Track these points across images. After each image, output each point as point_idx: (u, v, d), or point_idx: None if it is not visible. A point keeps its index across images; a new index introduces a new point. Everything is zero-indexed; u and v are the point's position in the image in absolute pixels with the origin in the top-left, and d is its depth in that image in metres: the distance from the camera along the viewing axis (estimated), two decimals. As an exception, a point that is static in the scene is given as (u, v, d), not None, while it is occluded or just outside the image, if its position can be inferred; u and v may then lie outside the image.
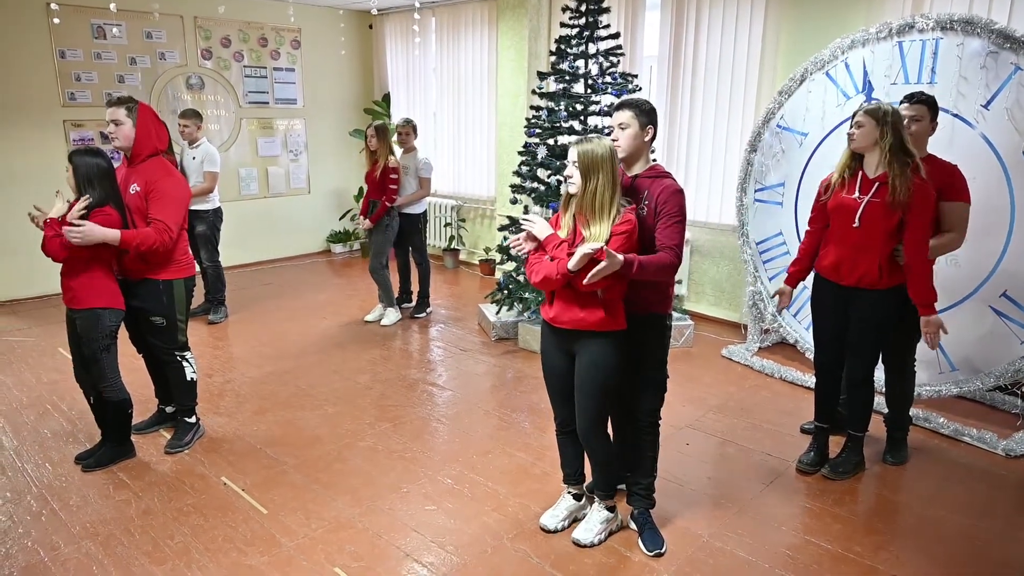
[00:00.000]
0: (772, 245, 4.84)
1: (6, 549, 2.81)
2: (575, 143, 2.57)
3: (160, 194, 3.31)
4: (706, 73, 5.61)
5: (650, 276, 2.56)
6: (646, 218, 2.64)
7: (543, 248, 2.64)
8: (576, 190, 2.57)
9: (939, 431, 3.88)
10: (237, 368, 4.79)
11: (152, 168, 3.36)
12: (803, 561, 2.78)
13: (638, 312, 2.69)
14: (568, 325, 2.64)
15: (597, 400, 2.70)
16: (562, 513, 2.98)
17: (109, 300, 3.27)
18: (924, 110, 3.24)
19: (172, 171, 3.44)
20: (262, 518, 3.04)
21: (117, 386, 3.37)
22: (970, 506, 3.19)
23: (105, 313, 3.26)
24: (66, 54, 6.39)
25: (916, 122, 3.22)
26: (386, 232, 5.66)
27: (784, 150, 4.70)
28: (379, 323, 5.79)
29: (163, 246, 3.30)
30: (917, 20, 3.99)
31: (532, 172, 5.18)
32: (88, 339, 3.26)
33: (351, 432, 3.85)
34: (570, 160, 2.57)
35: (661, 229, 2.61)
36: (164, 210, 3.31)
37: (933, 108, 3.26)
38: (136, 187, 3.31)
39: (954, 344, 3.95)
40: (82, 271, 3.21)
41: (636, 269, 2.49)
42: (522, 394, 4.39)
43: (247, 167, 7.80)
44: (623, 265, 2.45)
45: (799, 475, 3.43)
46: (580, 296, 2.58)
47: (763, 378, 4.68)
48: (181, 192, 3.43)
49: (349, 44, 8.41)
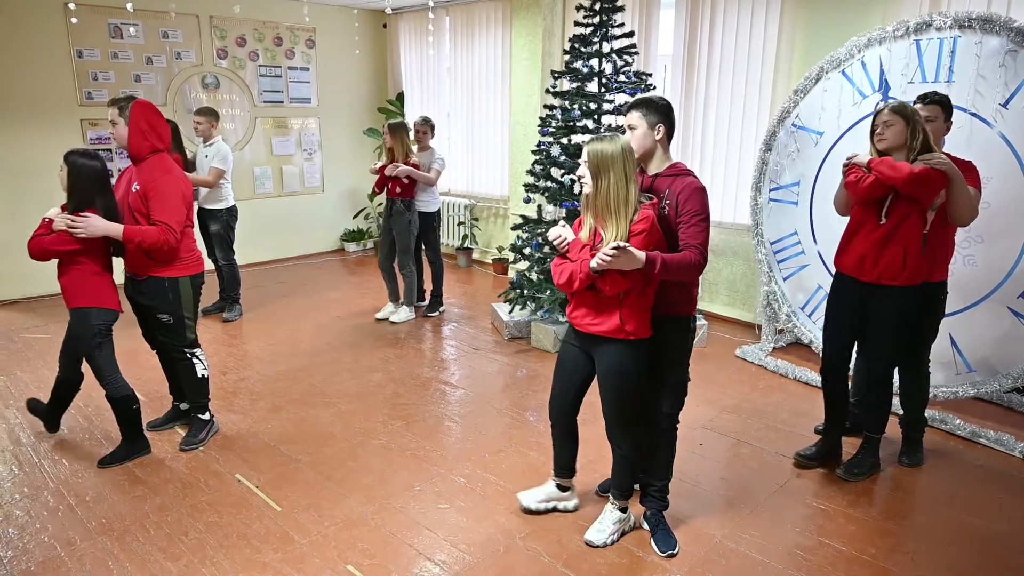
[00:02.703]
0: (787, 245, 4.81)
1: (23, 544, 2.85)
2: (587, 142, 2.57)
3: (157, 193, 3.29)
4: (721, 72, 5.58)
5: (674, 275, 2.53)
6: (668, 217, 2.62)
7: (568, 252, 2.64)
8: (589, 190, 2.57)
9: (955, 433, 3.85)
10: (251, 366, 4.82)
11: (151, 167, 3.34)
12: (817, 563, 2.76)
13: (664, 312, 2.68)
14: (585, 328, 2.65)
15: (614, 404, 2.71)
16: (541, 495, 3.07)
17: (98, 300, 3.32)
18: (938, 110, 3.22)
19: (170, 168, 3.38)
20: (276, 515, 3.05)
21: (117, 383, 3.41)
22: (986, 509, 3.15)
23: (93, 312, 3.31)
24: (83, 54, 6.46)
25: (930, 122, 3.19)
26: (410, 227, 5.66)
27: (799, 149, 4.66)
28: (389, 320, 5.81)
29: (167, 244, 3.31)
30: (935, 18, 3.95)
31: (546, 171, 5.18)
32: (79, 337, 3.34)
33: (364, 430, 3.86)
34: (582, 160, 2.58)
35: (684, 228, 2.59)
36: (164, 211, 3.29)
37: (947, 108, 3.24)
38: (136, 186, 3.31)
39: (971, 345, 3.91)
40: (73, 271, 3.28)
41: (660, 267, 2.46)
42: (535, 393, 4.39)
43: (261, 166, 7.84)
44: (646, 264, 2.43)
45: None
46: (600, 301, 2.58)
47: (777, 378, 4.66)
48: (179, 188, 3.37)
49: (363, 43, 8.43)
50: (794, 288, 4.82)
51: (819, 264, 4.62)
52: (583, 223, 2.67)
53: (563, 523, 3.00)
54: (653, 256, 2.46)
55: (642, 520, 2.97)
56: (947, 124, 3.27)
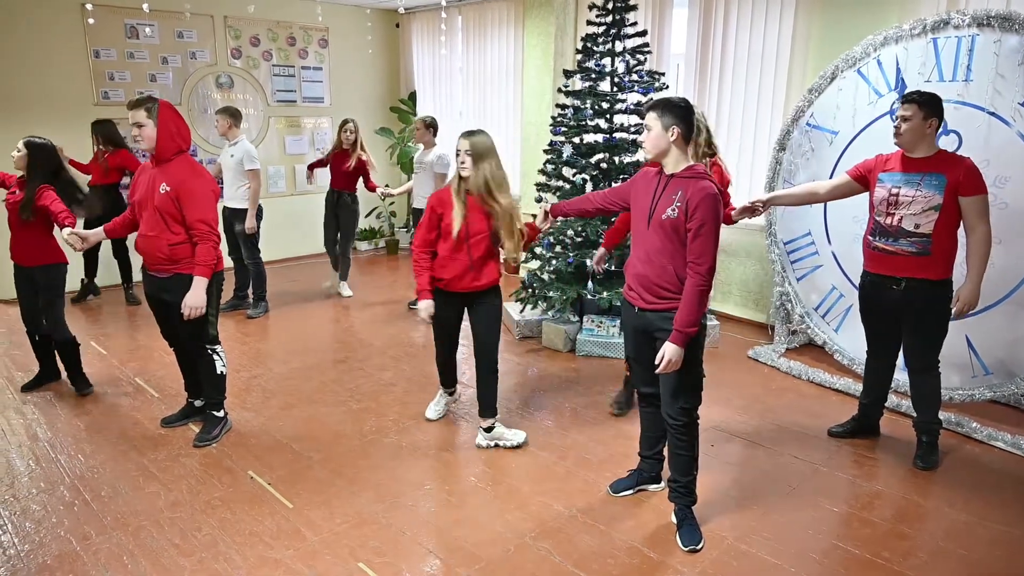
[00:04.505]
0: (800, 245, 4.78)
1: (40, 538, 2.88)
2: (466, 135, 3.31)
3: (192, 195, 3.34)
4: (734, 71, 5.55)
5: (699, 312, 2.64)
6: (678, 219, 2.63)
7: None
8: (468, 173, 3.28)
9: (971, 436, 3.80)
10: (264, 363, 4.85)
11: (180, 168, 3.38)
12: (829, 565, 2.74)
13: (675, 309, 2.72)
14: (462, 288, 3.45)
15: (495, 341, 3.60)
16: (441, 408, 4.01)
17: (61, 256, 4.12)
18: (914, 108, 3.20)
19: (200, 170, 3.47)
20: (287, 512, 3.07)
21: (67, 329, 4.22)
22: (1002, 513, 3.12)
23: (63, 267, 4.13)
24: (100, 54, 6.52)
25: (906, 121, 3.21)
26: (355, 217, 6.52)
27: (814, 149, 4.63)
28: (339, 293, 6.55)
29: (215, 246, 3.42)
30: (952, 16, 3.91)
31: (557, 171, 5.18)
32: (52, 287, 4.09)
33: (375, 428, 3.88)
34: (463, 149, 3.26)
35: (692, 239, 2.62)
36: (199, 211, 3.35)
37: (926, 106, 3.18)
38: (166, 187, 3.33)
39: (988, 347, 3.87)
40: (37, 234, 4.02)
41: (693, 328, 2.63)
42: (545, 392, 4.38)
43: (275, 165, 7.89)
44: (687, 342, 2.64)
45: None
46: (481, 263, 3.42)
47: (790, 380, 4.63)
48: (209, 189, 3.46)
49: (376, 43, 8.46)
50: (808, 289, 4.79)
51: (833, 265, 4.58)
52: (454, 206, 3.33)
53: (574, 523, 3.00)
54: (682, 331, 2.63)
55: (672, 516, 3.00)
56: (929, 123, 3.19)
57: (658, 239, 2.70)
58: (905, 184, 3.26)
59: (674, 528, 2.93)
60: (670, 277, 2.70)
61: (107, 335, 5.42)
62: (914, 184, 3.24)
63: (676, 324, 2.63)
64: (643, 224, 2.76)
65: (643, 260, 2.77)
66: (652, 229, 2.71)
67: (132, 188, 3.50)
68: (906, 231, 3.27)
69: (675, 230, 2.65)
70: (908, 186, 3.25)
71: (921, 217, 3.23)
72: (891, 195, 3.30)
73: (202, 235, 3.36)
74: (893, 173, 3.32)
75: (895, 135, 3.28)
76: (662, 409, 2.86)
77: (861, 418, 3.78)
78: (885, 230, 3.34)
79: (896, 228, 3.30)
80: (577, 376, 4.66)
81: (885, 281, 3.40)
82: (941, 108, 3.22)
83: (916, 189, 3.23)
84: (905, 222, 3.27)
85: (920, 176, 3.23)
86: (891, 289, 3.38)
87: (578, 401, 4.25)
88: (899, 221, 3.28)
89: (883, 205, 3.34)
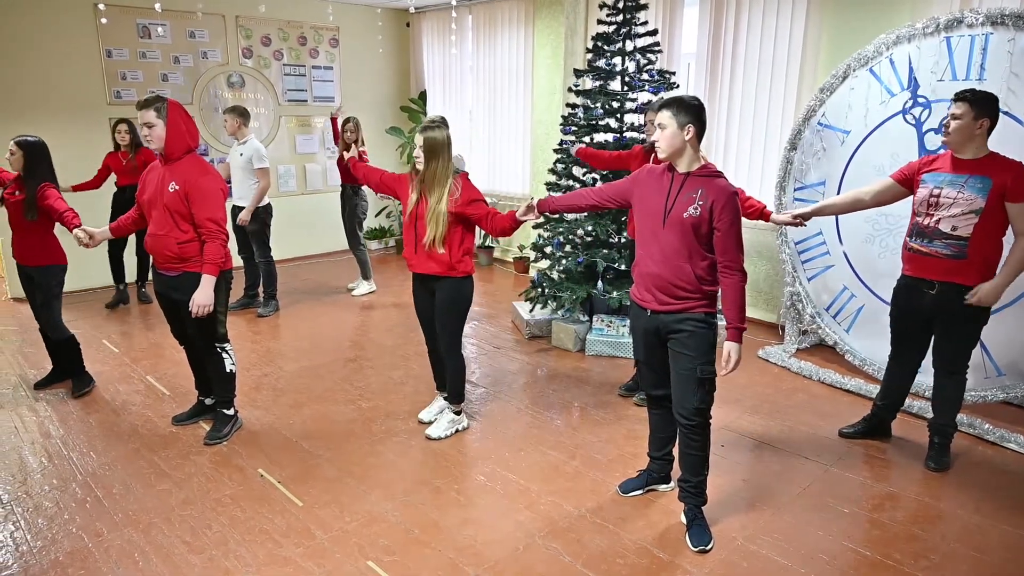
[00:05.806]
0: (812, 245, 4.76)
1: (52, 534, 2.90)
2: (420, 129, 3.31)
3: (202, 193, 3.36)
4: (745, 70, 5.53)
5: (744, 305, 2.72)
6: (700, 217, 2.64)
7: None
8: (422, 167, 3.33)
9: (984, 437, 3.78)
10: (274, 361, 4.87)
11: (189, 166, 3.39)
12: (840, 567, 2.73)
13: (688, 309, 2.73)
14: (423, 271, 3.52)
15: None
16: (435, 409, 3.95)
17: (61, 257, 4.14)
18: (965, 107, 3.11)
19: (209, 169, 3.48)
20: (297, 510, 3.08)
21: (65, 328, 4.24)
22: (1015, 515, 3.09)
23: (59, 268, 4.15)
24: (112, 53, 6.56)
25: (957, 120, 3.13)
26: (355, 211, 6.49)
27: (825, 148, 4.60)
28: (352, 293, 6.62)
29: (223, 244, 3.44)
30: (966, 15, 3.87)
31: (567, 170, 5.17)
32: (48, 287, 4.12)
33: (384, 427, 3.89)
34: (417, 143, 3.29)
35: (722, 241, 2.65)
36: (208, 209, 3.37)
37: (978, 105, 3.09)
38: (175, 185, 3.35)
39: (1001, 348, 3.84)
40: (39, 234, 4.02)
41: (745, 323, 2.72)
42: (555, 392, 4.38)
43: (285, 164, 7.92)
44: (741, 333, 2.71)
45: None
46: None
47: (800, 380, 4.61)
48: (219, 187, 3.47)
49: (386, 42, 8.48)
50: (819, 289, 4.76)
51: (844, 265, 4.56)
52: (411, 191, 3.44)
53: (583, 523, 3.00)
54: (742, 328, 2.71)
55: (682, 515, 2.99)
56: (980, 123, 3.09)
57: (676, 238, 2.68)
58: (948, 185, 3.18)
59: (684, 528, 2.93)
60: (688, 277, 2.69)
61: (119, 333, 5.46)
62: (957, 186, 3.16)
63: (731, 322, 2.70)
64: (656, 223, 2.73)
65: (658, 260, 2.74)
66: (669, 228, 2.69)
67: (140, 187, 3.52)
68: (942, 232, 3.20)
69: (695, 228, 2.64)
70: (951, 187, 3.17)
71: (960, 220, 3.15)
72: (932, 196, 3.23)
73: (211, 233, 3.38)
74: (938, 173, 3.25)
75: (944, 133, 3.21)
76: (674, 409, 2.85)
77: (873, 419, 3.75)
78: (922, 231, 3.28)
79: (932, 229, 3.23)
80: (587, 376, 4.65)
81: (920, 284, 3.33)
82: (996, 108, 3.11)
83: (959, 191, 3.15)
84: (943, 224, 3.20)
85: (965, 178, 3.15)
86: (925, 293, 3.31)
87: (587, 401, 4.24)
88: (936, 223, 3.22)
89: (923, 206, 3.27)
